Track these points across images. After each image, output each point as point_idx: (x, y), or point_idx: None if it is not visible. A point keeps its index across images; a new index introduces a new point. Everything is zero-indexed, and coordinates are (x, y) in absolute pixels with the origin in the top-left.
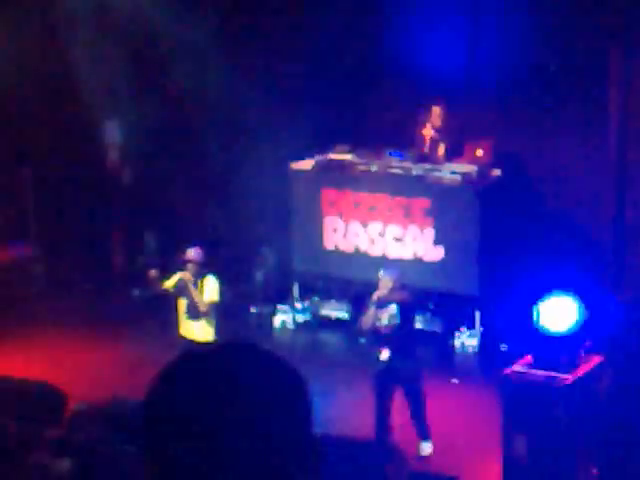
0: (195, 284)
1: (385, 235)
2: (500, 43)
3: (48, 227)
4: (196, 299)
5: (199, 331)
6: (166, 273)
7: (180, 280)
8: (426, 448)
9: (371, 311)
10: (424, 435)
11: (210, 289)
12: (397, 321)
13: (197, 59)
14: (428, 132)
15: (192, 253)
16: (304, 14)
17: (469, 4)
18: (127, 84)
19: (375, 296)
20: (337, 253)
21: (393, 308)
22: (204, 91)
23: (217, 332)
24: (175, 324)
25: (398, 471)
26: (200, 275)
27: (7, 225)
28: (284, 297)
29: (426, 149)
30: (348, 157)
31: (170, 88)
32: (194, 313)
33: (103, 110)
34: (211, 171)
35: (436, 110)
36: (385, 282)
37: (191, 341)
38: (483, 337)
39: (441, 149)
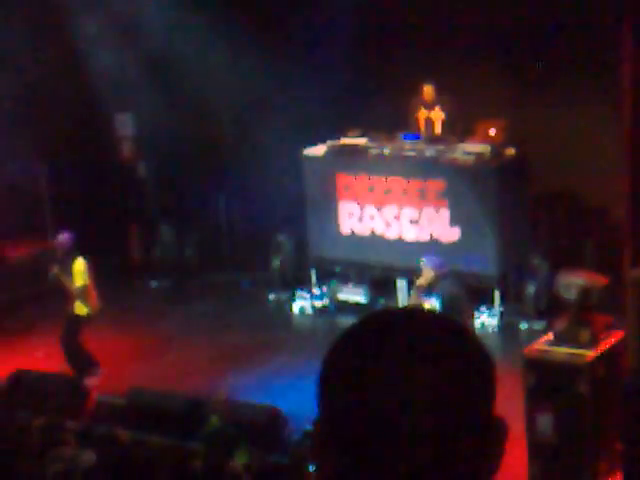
0: (68, 269)
1: (401, 218)
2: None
3: (63, 221)
4: (66, 284)
5: (73, 307)
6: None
7: (53, 269)
8: None
9: (413, 298)
10: None
11: (77, 273)
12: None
13: (210, 50)
14: (422, 114)
15: (57, 240)
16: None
17: None
18: (141, 77)
19: (417, 284)
20: (353, 237)
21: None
22: (216, 82)
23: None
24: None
25: None
26: (68, 260)
27: (23, 220)
28: (302, 283)
29: (422, 129)
30: (361, 141)
31: (183, 80)
32: (68, 293)
33: (118, 103)
34: (225, 160)
35: (427, 89)
36: (427, 271)
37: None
38: (503, 316)
39: (437, 127)
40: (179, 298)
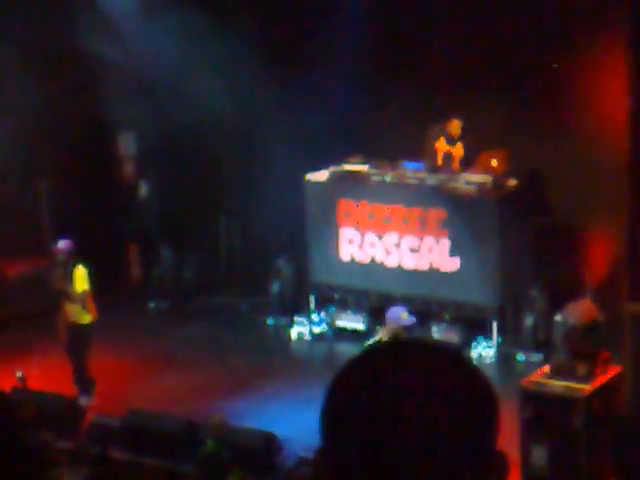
0: (68, 275)
1: (401, 246)
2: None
3: (63, 239)
4: (67, 289)
5: (74, 315)
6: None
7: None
8: None
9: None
10: None
11: (79, 278)
12: None
13: (214, 72)
14: (442, 146)
15: (59, 245)
16: (319, 25)
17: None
18: (144, 97)
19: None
20: (353, 264)
21: None
22: (219, 104)
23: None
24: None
25: None
26: (70, 265)
27: (22, 237)
28: (300, 308)
29: (440, 162)
30: (363, 168)
31: (186, 102)
32: (68, 299)
33: (120, 122)
34: (227, 183)
35: (455, 123)
36: (388, 327)
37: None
38: (500, 347)
39: (456, 163)
40: (177, 320)
